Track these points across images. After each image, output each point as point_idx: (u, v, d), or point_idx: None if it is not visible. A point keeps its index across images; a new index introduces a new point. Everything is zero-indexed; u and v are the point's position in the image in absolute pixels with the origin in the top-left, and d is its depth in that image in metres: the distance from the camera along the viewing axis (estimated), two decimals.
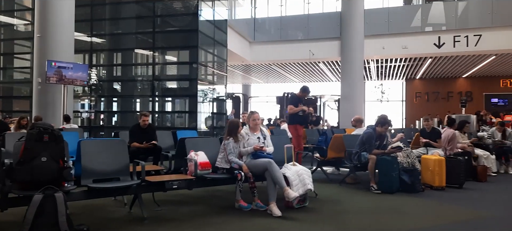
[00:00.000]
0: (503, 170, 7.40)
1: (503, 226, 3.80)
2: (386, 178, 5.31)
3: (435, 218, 4.14)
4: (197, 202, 4.68)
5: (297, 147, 6.46)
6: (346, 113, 13.18)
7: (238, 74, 20.48)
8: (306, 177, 4.42)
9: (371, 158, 5.45)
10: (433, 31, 14.21)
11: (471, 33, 13.57)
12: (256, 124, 4.68)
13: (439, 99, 20.82)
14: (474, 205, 4.71)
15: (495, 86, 20.13)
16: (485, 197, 5.19)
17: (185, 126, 11.14)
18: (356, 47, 13.76)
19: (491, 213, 4.28)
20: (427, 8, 14.78)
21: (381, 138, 5.70)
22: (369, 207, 4.58)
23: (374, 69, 18.66)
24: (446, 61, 16.41)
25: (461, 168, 5.78)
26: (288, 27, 15.58)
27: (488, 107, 19.30)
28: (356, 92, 13.82)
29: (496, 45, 13.43)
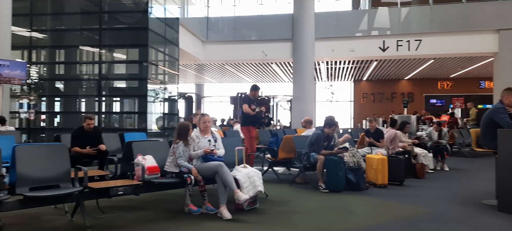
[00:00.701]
0: (439, 167, 7.97)
1: (438, 220, 4.09)
2: (333, 177, 5.50)
3: (377, 215, 4.36)
4: (145, 208, 4.54)
5: (249, 149, 6.51)
6: (298, 114, 13.50)
7: (191, 73, 20.20)
8: (257, 179, 4.45)
9: (319, 158, 5.62)
10: (378, 35, 14.97)
11: (412, 38, 14.49)
12: (207, 126, 4.64)
13: (384, 100, 22.01)
14: (413, 201, 5.02)
15: (433, 88, 21.67)
16: (423, 193, 5.56)
17: (134, 127, 10.78)
18: (307, 49, 14.13)
19: (427, 208, 4.58)
20: (373, 13, 15.57)
21: (329, 139, 5.90)
22: (317, 206, 4.72)
23: (324, 71, 19.28)
24: (390, 64, 17.38)
25: (401, 166, 6.14)
26: (241, 28, 15.64)
27: (428, 107, 20.76)
28: (307, 93, 14.20)
29: (434, 49, 14.44)
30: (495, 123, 4.66)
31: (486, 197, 4.96)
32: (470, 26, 13.94)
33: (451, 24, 14.17)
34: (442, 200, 5.07)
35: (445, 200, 5.09)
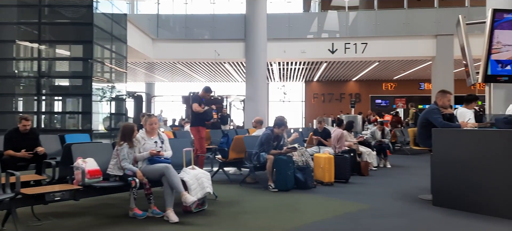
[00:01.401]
0: (382, 164, 8.40)
1: (378, 215, 4.30)
2: (282, 176, 5.59)
3: (323, 212, 4.49)
4: (86, 213, 4.30)
5: (199, 149, 6.42)
6: (251, 114, 13.58)
7: (140, 72, 19.57)
8: (205, 180, 4.40)
9: (269, 158, 5.68)
10: (328, 38, 15.49)
11: (359, 41, 15.16)
12: (153, 128, 4.50)
13: (333, 100, 22.82)
14: (357, 198, 5.23)
15: (378, 89, 22.83)
16: (366, 190, 5.82)
17: (78, 128, 10.20)
18: (259, 50, 14.27)
19: (369, 204, 4.80)
20: (323, 16, 16.07)
21: (278, 139, 5.99)
22: (266, 206, 4.77)
23: (277, 71, 19.58)
24: (339, 66, 18.05)
25: (347, 164, 6.39)
26: (193, 26, 15.42)
27: (374, 107, 21.83)
28: (260, 93, 14.34)
29: (379, 52, 15.22)
30: (430, 123, 4.99)
31: (423, 192, 5.30)
32: (411, 31, 14.86)
33: (394, 29, 15.02)
34: (383, 196, 5.34)
35: (386, 196, 5.37)
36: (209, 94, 6.66)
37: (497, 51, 6.33)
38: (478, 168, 4.24)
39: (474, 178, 4.27)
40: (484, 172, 4.18)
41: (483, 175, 4.19)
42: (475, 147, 4.33)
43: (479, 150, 4.28)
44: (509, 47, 6.47)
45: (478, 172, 4.24)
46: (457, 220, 4.04)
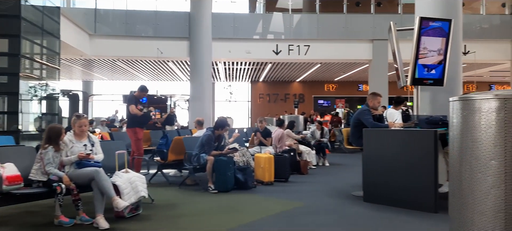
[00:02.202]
0: (321, 163, 8.71)
1: (313, 212, 4.44)
2: (222, 177, 5.57)
3: (261, 211, 4.54)
4: (5, 223, 3.95)
5: (136, 152, 6.19)
6: (196, 114, 13.36)
7: (77, 69, 18.43)
8: (140, 184, 4.25)
9: (209, 159, 5.63)
10: (272, 39, 15.72)
11: (302, 43, 15.59)
12: (83, 130, 4.25)
13: (278, 100, 23.25)
14: (295, 196, 5.37)
15: (321, 90, 23.67)
16: (304, 188, 5.99)
17: (3, 129, 9.34)
18: (204, 49, 14.12)
19: (306, 202, 4.94)
20: (268, 18, 16.26)
21: (220, 139, 5.96)
22: (205, 208, 4.72)
23: (222, 71, 19.50)
24: (283, 67, 18.42)
25: (287, 163, 6.54)
26: (134, 22, 14.82)
27: (316, 108, 22.57)
28: (205, 93, 14.20)
29: (320, 55, 15.76)
30: (361, 123, 5.27)
31: (355, 189, 5.57)
32: (350, 35, 15.58)
33: (335, 33, 15.64)
34: (320, 194, 5.53)
35: (323, 193, 5.57)
36: (145, 94, 6.39)
37: (423, 56, 6.84)
38: (402, 166, 4.55)
39: (399, 175, 4.57)
40: (408, 169, 4.49)
41: (407, 172, 4.50)
42: (400, 146, 4.64)
43: (403, 149, 4.59)
44: (434, 53, 7.01)
45: (403, 169, 4.54)
46: (383, 215, 4.29)
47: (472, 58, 15.44)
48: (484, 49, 15.74)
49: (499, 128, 2.22)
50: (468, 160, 2.39)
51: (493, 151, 2.24)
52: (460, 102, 2.48)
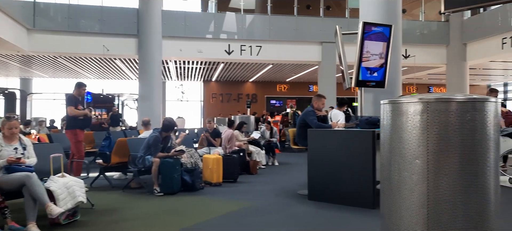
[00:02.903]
0: (270, 162, 8.83)
1: (259, 212, 4.49)
2: (168, 179, 5.45)
3: (206, 213, 4.51)
4: None
5: (76, 154, 5.88)
6: (145, 114, 12.94)
7: (14, 66, 17.11)
8: (77, 189, 4.03)
9: (154, 161, 5.49)
10: (224, 39, 15.67)
11: (254, 44, 15.69)
12: (13, 133, 3.95)
13: (231, 100, 23.24)
14: (242, 197, 5.39)
15: (273, 90, 24.00)
16: (253, 188, 6.04)
17: None
18: (154, 47, 13.74)
19: (253, 202, 4.98)
20: (220, 17, 16.17)
21: (166, 140, 5.83)
22: (149, 211, 4.59)
23: (174, 70, 19.11)
24: (236, 67, 18.44)
25: (235, 164, 6.54)
26: (78, 17, 14.04)
27: (269, 108, 22.86)
28: (155, 92, 13.82)
29: (272, 56, 15.97)
30: (307, 124, 5.42)
31: (302, 188, 5.71)
32: (300, 37, 15.94)
33: (286, 34, 15.92)
34: (267, 193, 5.60)
35: (270, 193, 5.64)
36: (83, 90, 6.01)
37: (366, 59, 7.16)
38: (344, 164, 4.74)
39: (341, 173, 4.76)
40: (348, 167, 4.69)
41: (348, 170, 4.69)
42: (341, 145, 4.83)
43: (344, 148, 4.78)
44: (376, 57, 7.37)
45: (344, 168, 4.73)
46: (326, 212, 4.44)
47: (412, 61, 16.47)
48: (423, 53, 16.85)
49: (422, 129, 2.38)
50: (396, 160, 2.53)
51: (417, 150, 2.40)
52: (389, 105, 2.63)
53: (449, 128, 2.33)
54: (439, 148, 2.34)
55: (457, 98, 2.36)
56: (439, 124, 2.34)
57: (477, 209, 2.33)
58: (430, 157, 2.35)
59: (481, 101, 2.38)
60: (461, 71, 17.09)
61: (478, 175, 2.33)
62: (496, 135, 2.41)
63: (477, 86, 25.42)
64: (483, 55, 16.21)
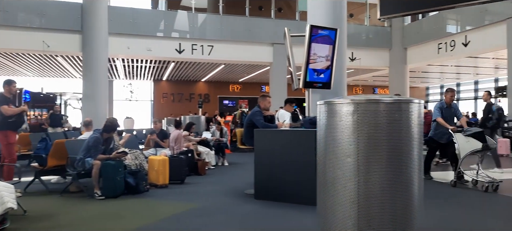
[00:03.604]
0: (220, 162, 8.80)
1: (205, 213, 4.46)
2: (110, 182, 5.24)
3: (149, 216, 4.40)
4: None
5: (7, 158, 5.46)
6: (89, 114, 12.34)
7: None
8: (6, 194, 3.75)
9: (95, 163, 5.25)
10: (175, 38, 15.36)
11: (206, 43, 15.56)
12: None
13: (183, 100, 22.86)
14: (188, 198, 5.32)
15: (226, 90, 23.96)
16: (200, 189, 5.98)
17: None
18: (99, 44, 13.13)
19: (199, 203, 4.93)
20: (171, 16, 15.84)
21: (108, 142, 5.60)
22: (87, 216, 4.39)
23: (121, 68, 18.42)
24: (187, 66, 18.17)
25: (183, 165, 6.44)
26: (15, 10, 13.05)
27: (222, 108, 22.78)
28: (101, 91, 13.21)
29: (224, 55, 15.93)
30: (254, 124, 5.47)
31: (249, 187, 5.75)
32: (252, 38, 16.06)
33: (238, 34, 15.96)
34: (214, 194, 5.58)
35: (217, 193, 5.62)
36: (13, 87, 5.53)
37: (313, 61, 7.36)
38: (288, 163, 4.84)
39: (285, 172, 4.86)
40: (293, 166, 4.80)
41: (292, 169, 4.81)
42: (286, 145, 4.94)
43: (289, 147, 4.90)
44: (323, 59, 7.60)
45: (288, 166, 4.84)
46: (270, 210, 4.51)
47: (358, 64, 17.24)
48: (368, 56, 17.70)
49: (353, 128, 2.50)
50: (330, 158, 2.65)
51: (348, 149, 2.52)
52: (324, 105, 2.74)
53: (377, 127, 2.48)
54: (368, 146, 2.48)
55: (385, 100, 2.51)
56: (369, 123, 2.48)
57: (402, 202, 2.50)
58: (360, 155, 2.48)
59: (406, 102, 2.55)
60: (402, 74, 18.20)
61: (403, 171, 2.50)
62: (419, 134, 2.59)
63: (417, 88, 27.18)
64: (421, 59, 17.38)
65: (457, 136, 5.82)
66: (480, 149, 5.53)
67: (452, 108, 6.46)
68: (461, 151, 5.72)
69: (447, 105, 6.43)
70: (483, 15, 14.13)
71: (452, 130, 5.95)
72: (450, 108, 6.44)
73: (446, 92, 6.54)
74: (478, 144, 5.53)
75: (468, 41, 14.70)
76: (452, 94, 6.45)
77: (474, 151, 5.60)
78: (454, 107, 6.51)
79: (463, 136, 5.74)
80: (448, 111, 6.41)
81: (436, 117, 6.32)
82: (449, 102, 6.43)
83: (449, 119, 6.33)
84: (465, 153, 5.66)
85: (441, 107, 6.38)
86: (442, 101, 6.53)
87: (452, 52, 15.47)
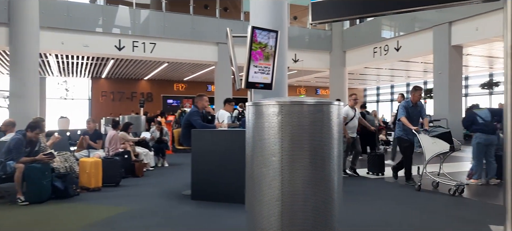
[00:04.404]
0: (160, 163, 8.59)
1: (138, 216, 4.33)
2: (35, 187, 4.90)
3: (80, 220, 4.18)
4: None
5: None
6: (17, 113, 11.42)
7: None
8: None
9: (18, 167, 4.87)
10: (114, 34, 14.72)
11: (148, 40, 15.12)
12: None
13: (124, 99, 21.97)
14: (122, 201, 5.13)
15: (170, 89, 23.44)
16: (136, 192, 5.80)
17: None
18: (29, 38, 12.19)
19: (133, 206, 4.78)
20: (111, 11, 15.15)
21: (32, 144, 5.23)
22: (7, 223, 4.07)
23: (55, 65, 17.26)
24: (128, 64, 17.50)
25: (117, 167, 6.21)
26: None
27: (165, 107, 22.23)
28: (30, 89, 12.27)
29: (167, 54, 15.59)
30: (191, 124, 5.42)
31: (186, 188, 5.69)
32: (197, 36, 15.89)
33: (182, 33, 15.70)
34: (150, 196, 5.44)
35: (153, 195, 5.49)
36: None
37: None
38: (225, 163, 4.87)
39: (221, 172, 4.89)
40: (228, 166, 4.84)
41: (228, 169, 4.84)
42: (222, 145, 4.96)
43: (226, 147, 4.93)
44: None
45: (225, 166, 4.87)
46: (206, 211, 4.51)
47: (300, 65, 17.78)
48: (310, 58, 18.34)
49: (277, 129, 2.59)
50: (257, 157, 2.71)
51: (273, 148, 2.60)
52: (253, 107, 2.80)
53: (300, 127, 2.59)
54: (291, 146, 2.58)
55: (308, 102, 2.63)
56: (292, 124, 2.58)
57: (324, 198, 2.62)
58: (284, 154, 2.58)
59: (327, 104, 2.69)
60: (342, 76, 19.11)
61: (324, 169, 2.63)
62: (339, 133, 2.75)
63: (355, 89, 28.68)
64: (359, 62, 18.37)
65: (421, 137, 5.54)
66: (448, 151, 5.30)
67: (418, 107, 6.15)
68: (426, 153, 5.45)
69: (413, 104, 6.10)
70: (413, 23, 15.29)
71: (416, 130, 5.66)
72: (416, 107, 6.12)
73: (414, 91, 6.10)
74: (446, 146, 5.27)
75: (400, 46, 15.83)
76: (420, 92, 6.13)
77: (441, 153, 5.37)
78: (420, 106, 6.18)
79: (428, 136, 5.48)
80: (414, 110, 6.09)
81: (401, 116, 5.98)
82: (416, 101, 6.10)
83: (415, 119, 6.03)
84: (431, 155, 5.40)
85: (407, 106, 6.04)
86: (408, 100, 6.19)
87: (386, 56, 16.56)
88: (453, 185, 5.33)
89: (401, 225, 4.09)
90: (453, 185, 5.33)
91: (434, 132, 5.47)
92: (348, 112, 6.91)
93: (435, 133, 5.43)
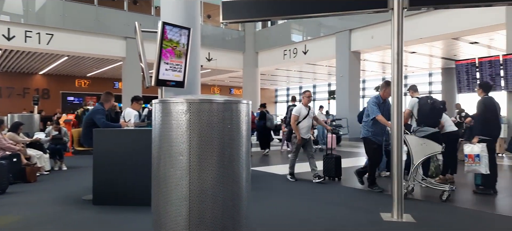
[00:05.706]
0: (57, 167, 7.77)
1: (29, 225, 3.85)
2: None
3: None
4: None
5: None
6: None
7: None
8: None
9: None
10: (3, 21, 12.95)
11: (44, 31, 13.60)
12: None
13: (14, 95, 19.45)
14: (9, 210, 4.51)
15: (71, 85, 21.42)
16: (27, 199, 5.15)
17: None
18: None
19: (22, 215, 4.22)
20: None
21: None
22: None
23: None
24: (19, 56, 15.54)
25: (4, 172, 5.45)
26: None
27: (65, 105, 20.27)
28: None
29: (67, 46, 14.20)
30: (94, 123, 5.01)
31: (87, 193, 5.24)
32: (102, 29, 14.78)
33: (84, 24, 14.45)
34: (45, 203, 4.88)
35: (49, 202, 4.94)
36: None
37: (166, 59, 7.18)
38: (131, 165, 4.60)
39: (127, 173, 4.61)
40: (134, 167, 4.58)
41: (134, 170, 4.58)
42: (128, 145, 4.68)
43: (131, 148, 4.66)
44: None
45: (130, 168, 4.60)
46: (109, 216, 4.20)
47: (214, 64, 17.77)
48: (224, 58, 18.44)
49: (185, 127, 2.52)
50: (164, 157, 2.61)
51: (181, 147, 2.53)
52: (159, 104, 2.68)
53: (209, 126, 2.55)
54: (200, 144, 2.53)
55: (217, 100, 2.61)
56: (201, 122, 2.54)
57: (232, 196, 2.63)
58: (192, 152, 2.52)
59: (236, 102, 2.70)
60: (254, 76, 19.62)
61: (232, 166, 2.64)
62: (247, 131, 2.79)
63: (267, 89, 29.74)
64: (270, 63, 19.06)
65: (409, 137, 5.02)
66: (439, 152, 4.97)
67: (387, 104, 5.63)
68: (415, 156, 4.98)
69: (383, 101, 5.60)
70: (319, 28, 16.41)
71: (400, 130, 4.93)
72: (385, 104, 5.63)
73: (386, 86, 5.44)
74: (438, 147, 4.86)
75: (307, 49, 16.85)
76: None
77: (432, 155, 5.02)
78: (388, 103, 5.64)
79: (417, 138, 4.98)
80: (384, 107, 5.58)
81: (376, 114, 5.40)
82: (386, 98, 5.58)
83: (385, 116, 5.43)
84: (422, 158, 4.97)
85: (378, 103, 5.52)
86: (378, 96, 5.60)
87: (295, 58, 17.47)
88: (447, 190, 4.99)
89: (309, 218, 4.33)
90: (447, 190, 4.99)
91: (423, 132, 4.97)
92: (301, 111, 6.37)
93: (423, 133, 4.95)
